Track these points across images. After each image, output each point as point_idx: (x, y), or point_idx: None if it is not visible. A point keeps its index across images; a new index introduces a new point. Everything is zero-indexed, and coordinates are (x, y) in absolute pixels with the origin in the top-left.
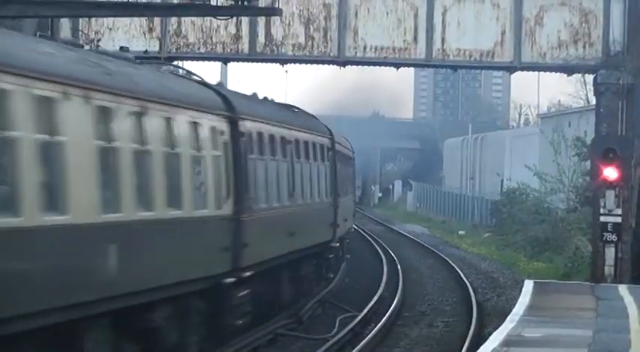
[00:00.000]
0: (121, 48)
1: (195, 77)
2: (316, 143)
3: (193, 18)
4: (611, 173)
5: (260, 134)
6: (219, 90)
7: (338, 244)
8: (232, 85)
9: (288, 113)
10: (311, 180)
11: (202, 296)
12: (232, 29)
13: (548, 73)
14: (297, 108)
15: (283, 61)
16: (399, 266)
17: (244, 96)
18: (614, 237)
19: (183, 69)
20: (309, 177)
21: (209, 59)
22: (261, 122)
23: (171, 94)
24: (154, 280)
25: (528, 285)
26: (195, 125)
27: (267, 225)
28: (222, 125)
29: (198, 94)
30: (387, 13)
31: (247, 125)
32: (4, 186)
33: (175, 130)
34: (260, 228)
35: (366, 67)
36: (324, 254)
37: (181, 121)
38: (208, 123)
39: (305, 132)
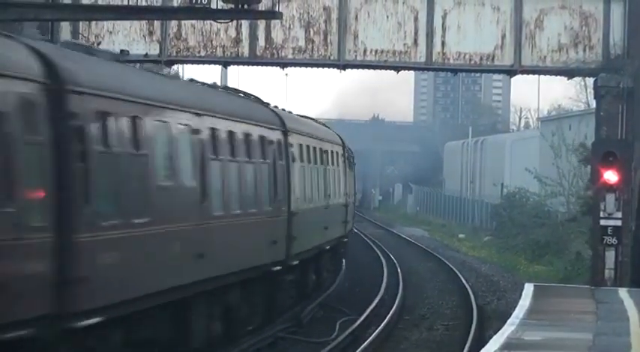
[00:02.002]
0: (121, 51)
1: None
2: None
3: (193, 21)
4: (611, 176)
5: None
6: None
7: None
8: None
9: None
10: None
11: None
12: (232, 32)
13: (548, 77)
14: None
15: (283, 65)
16: (399, 270)
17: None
18: (614, 241)
19: None
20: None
21: (209, 62)
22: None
23: None
24: None
25: (528, 289)
26: None
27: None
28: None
29: None
30: (387, 17)
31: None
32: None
33: None
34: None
35: (366, 70)
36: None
37: None
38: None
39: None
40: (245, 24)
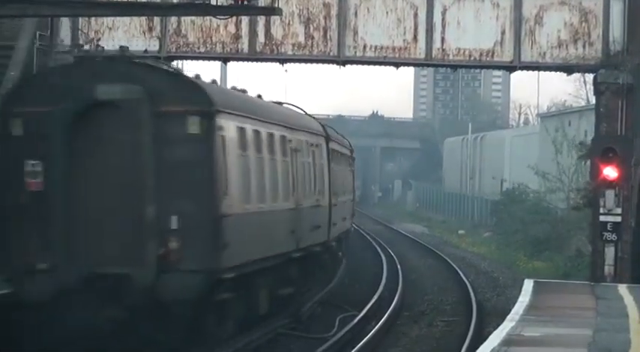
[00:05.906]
0: (121, 47)
1: None
2: None
3: (193, 17)
4: (610, 172)
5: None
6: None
7: None
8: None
9: None
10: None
11: None
12: (232, 28)
13: (547, 73)
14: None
15: (283, 61)
16: (398, 266)
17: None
18: (613, 237)
19: None
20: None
21: (209, 58)
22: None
23: None
24: None
25: (528, 285)
26: None
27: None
28: None
29: None
30: (387, 13)
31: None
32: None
33: None
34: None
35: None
36: None
37: None
38: None
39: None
40: (245, 20)
